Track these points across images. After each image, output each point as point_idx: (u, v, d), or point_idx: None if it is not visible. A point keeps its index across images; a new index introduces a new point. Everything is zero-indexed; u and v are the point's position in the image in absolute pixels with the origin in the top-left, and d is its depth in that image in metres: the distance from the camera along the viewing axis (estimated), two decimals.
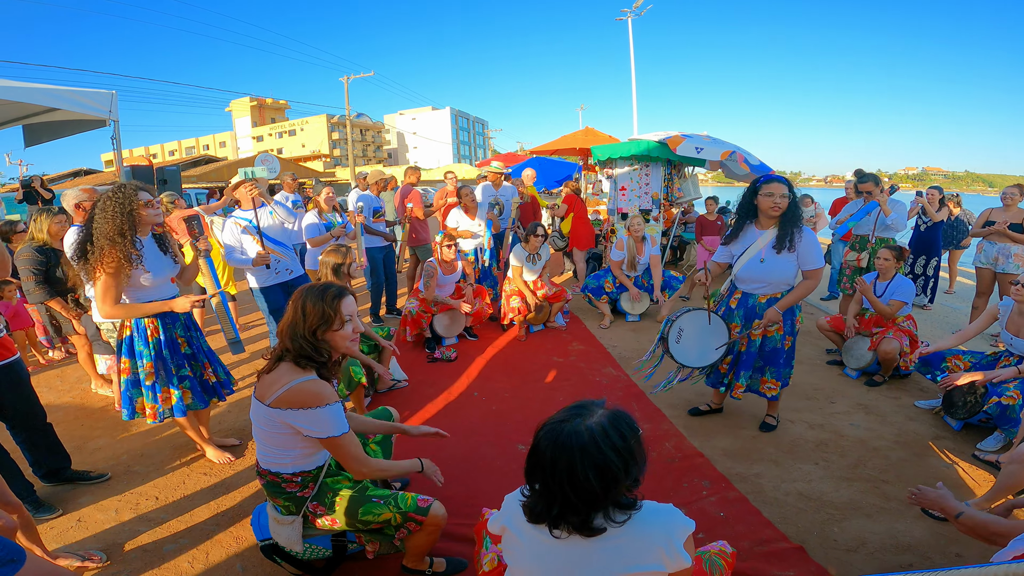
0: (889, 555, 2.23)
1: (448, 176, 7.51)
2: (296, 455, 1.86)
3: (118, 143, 6.02)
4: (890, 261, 4.09)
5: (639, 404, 3.72)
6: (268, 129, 57.95)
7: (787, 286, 3.02)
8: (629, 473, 1.20)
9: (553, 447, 1.20)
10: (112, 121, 5.81)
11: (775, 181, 2.90)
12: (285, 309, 1.90)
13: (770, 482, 2.78)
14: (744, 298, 3.14)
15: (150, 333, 2.68)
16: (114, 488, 2.82)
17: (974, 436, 3.19)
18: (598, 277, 5.79)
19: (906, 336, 3.96)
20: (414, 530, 1.90)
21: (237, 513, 2.59)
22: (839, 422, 3.43)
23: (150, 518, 2.57)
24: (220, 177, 23.18)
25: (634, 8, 19.52)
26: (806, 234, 2.89)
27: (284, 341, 1.84)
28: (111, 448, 3.24)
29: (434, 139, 62.79)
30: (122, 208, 2.48)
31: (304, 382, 1.78)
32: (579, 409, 1.26)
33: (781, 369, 3.11)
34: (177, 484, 2.86)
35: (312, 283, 1.92)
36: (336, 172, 40.68)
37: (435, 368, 4.47)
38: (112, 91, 5.75)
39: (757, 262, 2.98)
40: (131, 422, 3.41)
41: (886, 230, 5.05)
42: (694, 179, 8.31)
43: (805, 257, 2.89)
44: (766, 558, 2.21)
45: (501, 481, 2.77)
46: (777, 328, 3.04)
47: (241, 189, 3.70)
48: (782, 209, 2.87)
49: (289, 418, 1.77)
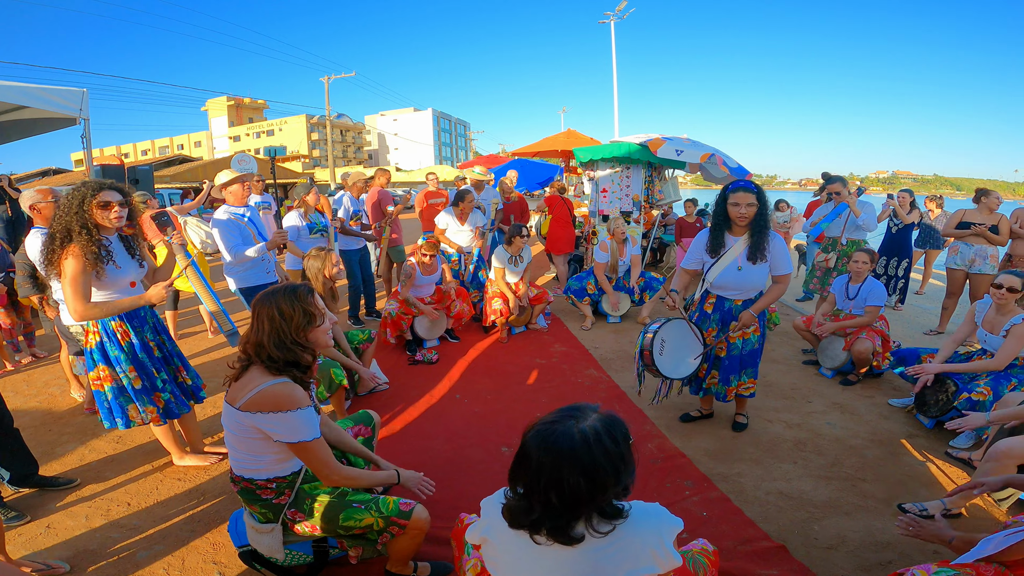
0: (869, 553, 2.27)
1: (429, 177, 7.49)
2: (269, 460, 1.81)
3: (88, 142, 5.89)
4: (866, 264, 4.17)
5: (621, 405, 3.74)
6: (245, 129, 57.08)
7: (758, 290, 3.09)
8: (619, 480, 1.16)
9: (542, 449, 1.16)
10: (82, 119, 5.69)
11: (741, 190, 2.90)
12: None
13: (751, 481, 2.81)
14: (719, 302, 3.18)
15: (120, 337, 2.58)
16: (84, 494, 2.74)
17: (947, 434, 3.26)
18: (580, 279, 5.82)
19: (879, 336, 4.05)
20: (397, 534, 1.87)
21: (214, 519, 2.53)
22: (816, 421, 3.49)
23: (122, 524, 2.50)
24: (195, 177, 22.69)
25: (617, 11, 19.74)
26: (775, 241, 2.96)
27: (266, 351, 1.76)
28: (80, 453, 3.15)
29: (416, 140, 62.53)
30: (78, 205, 2.40)
31: (276, 385, 1.74)
32: (572, 411, 1.22)
33: (755, 369, 3.22)
34: (150, 490, 2.78)
35: (268, 290, 1.84)
36: (315, 173, 40.19)
37: (417, 370, 4.43)
38: (83, 89, 5.64)
39: (735, 270, 3.01)
40: (100, 426, 3.35)
41: (856, 231, 5.18)
42: (674, 181, 8.41)
43: (776, 263, 2.98)
44: (750, 557, 2.23)
45: (485, 483, 2.75)
46: (754, 330, 3.11)
47: (236, 186, 3.66)
48: (749, 219, 2.91)
49: (259, 422, 1.72)
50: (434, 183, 7.17)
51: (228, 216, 3.63)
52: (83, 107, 5.62)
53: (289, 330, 1.78)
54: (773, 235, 2.98)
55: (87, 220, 2.41)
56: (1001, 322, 3.18)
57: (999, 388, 3.03)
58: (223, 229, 3.58)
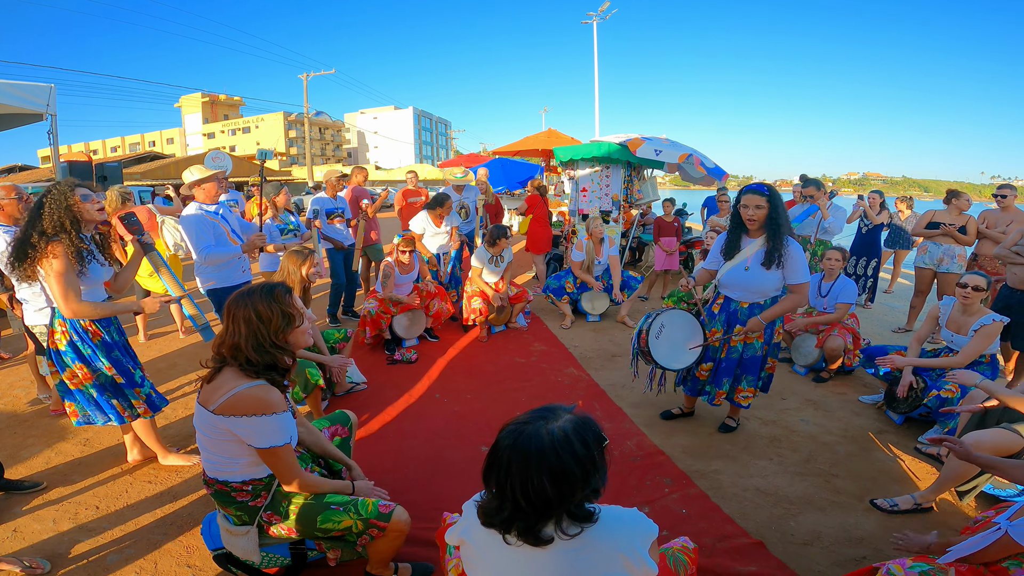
0: (843, 548, 2.31)
1: (409, 176, 7.43)
2: (244, 463, 1.77)
3: (55, 138, 5.73)
4: (839, 262, 4.28)
5: (600, 404, 3.75)
6: (220, 126, 55.95)
7: (768, 296, 2.98)
8: (588, 483, 1.15)
9: (511, 448, 1.15)
10: (49, 115, 5.55)
11: (750, 192, 2.86)
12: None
13: (728, 478, 2.85)
14: (726, 303, 3.12)
15: (92, 335, 2.52)
16: (51, 497, 2.67)
17: (916, 430, 3.36)
18: (559, 277, 5.83)
19: (849, 333, 4.15)
20: (376, 536, 1.84)
21: (186, 522, 2.48)
22: (790, 418, 3.55)
23: (91, 528, 2.44)
24: (167, 175, 22.15)
25: (599, 12, 19.85)
26: (792, 248, 2.82)
27: (244, 354, 1.71)
28: (46, 456, 3.05)
29: (396, 139, 62.02)
30: (61, 204, 2.37)
31: (252, 388, 1.70)
32: (545, 412, 1.22)
33: (755, 378, 3.11)
34: (119, 493, 2.71)
35: (243, 291, 1.78)
36: (292, 171, 39.61)
37: (395, 370, 4.39)
38: (51, 84, 5.50)
39: (741, 269, 2.95)
40: (66, 429, 3.32)
41: (824, 233, 5.31)
42: (652, 181, 8.47)
43: (790, 271, 2.84)
44: (729, 554, 2.26)
45: (465, 484, 2.74)
46: (758, 336, 3.02)
47: (209, 184, 3.53)
48: (758, 220, 2.84)
49: (232, 425, 1.68)
50: (413, 181, 7.12)
51: (200, 214, 3.48)
52: (50, 102, 5.48)
53: (268, 333, 1.73)
54: (792, 243, 2.83)
55: (75, 217, 2.41)
56: (968, 322, 3.26)
57: (966, 385, 3.12)
58: (195, 227, 3.43)
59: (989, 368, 3.25)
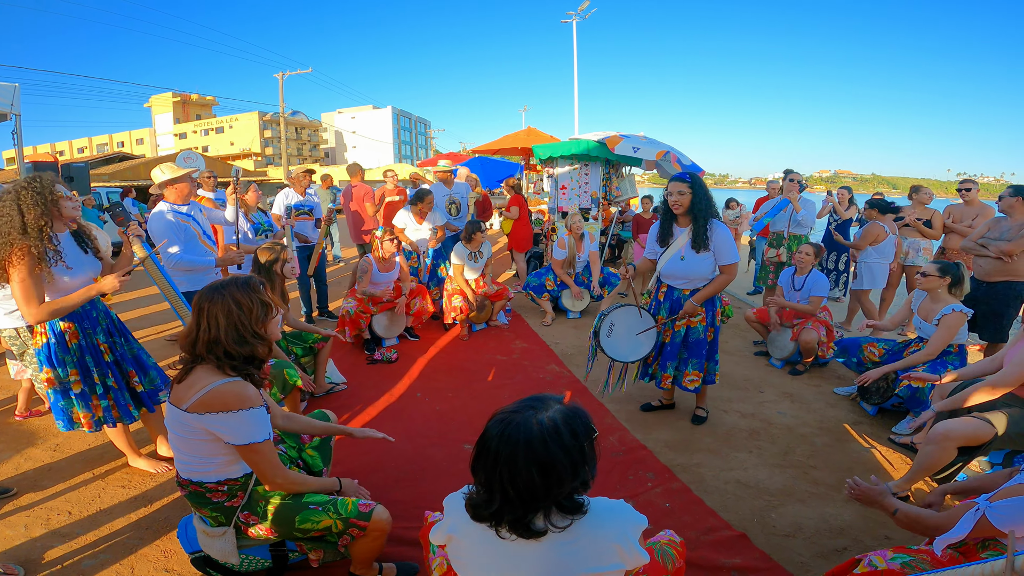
0: (824, 539, 2.34)
1: (388, 175, 7.35)
2: (219, 462, 1.73)
3: (19, 138, 5.57)
4: (810, 256, 4.37)
5: (582, 399, 3.76)
6: (193, 126, 54.64)
7: (705, 280, 3.12)
8: (577, 474, 1.14)
9: (499, 438, 1.14)
10: (13, 115, 5.39)
11: (674, 180, 3.04)
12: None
13: (710, 471, 2.87)
14: (669, 291, 3.26)
15: (68, 338, 2.44)
16: (21, 503, 2.60)
17: (889, 420, 3.43)
18: (539, 275, 5.83)
19: (823, 326, 4.23)
20: (357, 536, 1.80)
21: (162, 525, 2.42)
22: (768, 411, 3.60)
23: (64, 533, 2.37)
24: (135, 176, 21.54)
25: (579, 11, 19.92)
26: (718, 230, 2.99)
27: (223, 347, 1.67)
28: (15, 462, 2.97)
29: (375, 138, 61.38)
30: (49, 197, 2.28)
31: (227, 383, 1.66)
32: (534, 401, 1.20)
33: (703, 361, 3.22)
34: (92, 498, 2.64)
35: (214, 285, 1.75)
36: (268, 171, 38.92)
37: (375, 370, 4.34)
38: (15, 84, 5.34)
39: (678, 259, 3.11)
40: (36, 435, 3.24)
41: (797, 227, 5.42)
42: (631, 178, 8.53)
43: (719, 252, 3.01)
44: (713, 547, 2.28)
45: (448, 482, 2.71)
46: (700, 320, 3.16)
47: (181, 184, 3.39)
48: (682, 206, 3.00)
49: (207, 422, 1.64)
50: (392, 181, 7.05)
51: (171, 215, 3.33)
52: (14, 102, 5.34)
53: (249, 322, 1.71)
54: (718, 225, 3.01)
55: (50, 216, 2.30)
56: (934, 310, 3.35)
57: (936, 374, 3.20)
58: (165, 230, 3.26)
59: (957, 359, 3.34)
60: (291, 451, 2.17)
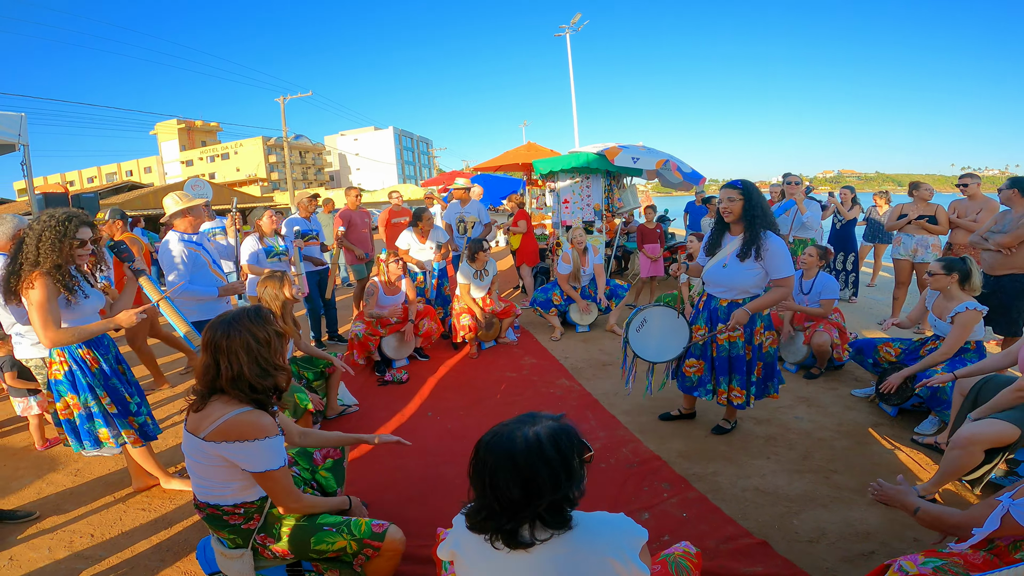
0: (850, 543, 2.29)
1: (393, 196, 7.42)
2: (236, 487, 1.76)
3: (29, 169, 5.61)
4: (813, 258, 4.34)
5: (594, 412, 3.72)
6: (199, 153, 55.50)
7: (749, 294, 2.97)
8: (557, 488, 1.15)
9: (486, 447, 1.20)
10: (22, 145, 5.41)
11: (725, 187, 2.96)
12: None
13: (727, 480, 2.83)
14: (708, 300, 3.16)
15: (90, 364, 2.51)
16: (45, 526, 2.65)
17: (911, 421, 3.37)
18: (546, 290, 5.83)
19: (835, 328, 4.19)
20: (372, 556, 1.83)
21: (182, 547, 2.46)
22: (784, 416, 3.55)
23: (87, 555, 2.42)
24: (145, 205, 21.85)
25: (571, 24, 20.18)
26: (772, 243, 2.83)
27: (247, 381, 1.69)
28: (38, 487, 3.05)
29: (377, 160, 62.00)
30: (59, 239, 2.33)
31: (243, 413, 1.69)
32: (527, 417, 1.25)
33: (744, 378, 3.05)
34: (113, 520, 2.69)
35: (225, 320, 1.75)
36: (275, 197, 39.34)
37: (386, 391, 4.34)
38: (21, 113, 5.39)
39: (720, 267, 3.00)
40: (57, 460, 3.31)
41: (803, 230, 5.36)
42: (632, 189, 8.56)
43: (771, 266, 2.85)
44: (732, 555, 2.24)
45: (461, 500, 2.69)
46: (739, 335, 3.00)
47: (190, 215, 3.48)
48: (733, 213, 2.89)
49: (225, 451, 1.67)
50: (398, 202, 7.11)
51: (182, 245, 3.39)
52: (21, 132, 5.37)
53: (269, 355, 1.74)
54: (773, 237, 2.85)
55: (66, 256, 2.36)
56: (948, 308, 3.30)
57: (956, 372, 3.14)
58: (175, 260, 3.33)
59: (976, 356, 3.27)
60: (304, 472, 2.18)
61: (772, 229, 2.89)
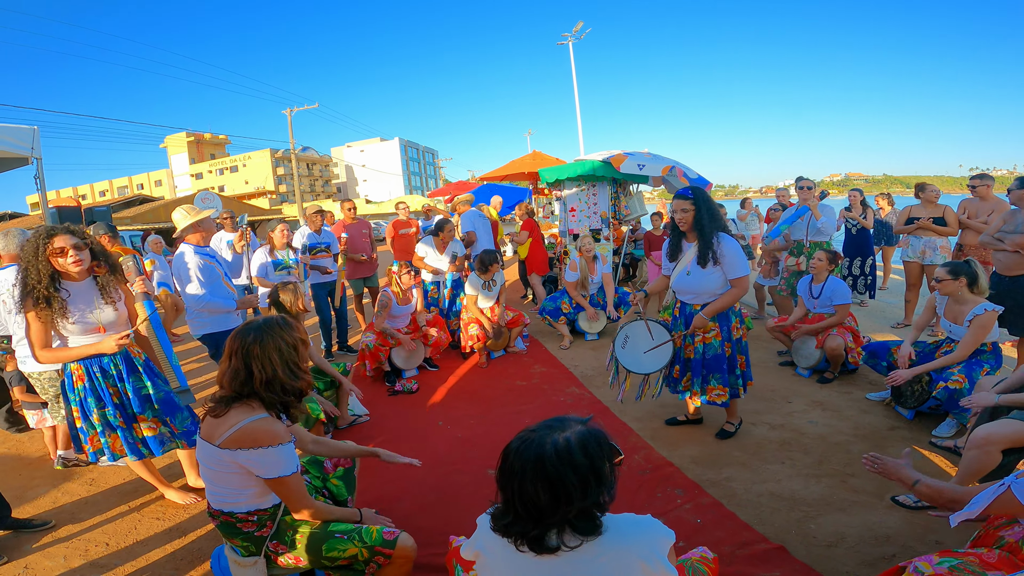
0: (869, 547, 2.26)
1: (400, 207, 7.47)
2: (250, 494, 1.77)
3: (42, 183, 5.65)
4: (823, 263, 4.30)
5: (605, 420, 3.71)
6: (208, 166, 56.18)
7: (716, 295, 3.08)
8: (587, 495, 1.14)
9: (515, 454, 1.18)
10: (35, 159, 5.44)
11: (677, 197, 3.07)
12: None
13: (741, 485, 2.80)
14: (683, 307, 3.27)
15: (75, 380, 2.56)
16: (60, 535, 2.68)
17: (928, 423, 3.32)
18: (555, 299, 5.82)
19: (848, 332, 4.15)
20: (384, 564, 1.83)
21: (196, 556, 2.47)
22: (798, 421, 3.52)
23: (102, 564, 2.44)
24: (156, 218, 22.13)
25: (574, 32, 20.30)
26: (726, 244, 2.97)
27: (280, 383, 1.75)
28: (53, 496, 3.08)
29: (384, 171, 62.42)
30: (33, 254, 2.38)
31: (257, 420, 1.71)
32: (557, 422, 1.23)
33: (726, 376, 3.14)
34: (128, 530, 2.71)
35: (254, 326, 1.80)
36: (283, 209, 39.70)
37: (397, 401, 4.34)
38: (34, 127, 5.43)
39: (684, 275, 3.12)
40: (72, 470, 3.35)
41: (818, 234, 5.32)
42: (639, 196, 8.54)
43: (728, 266, 2.98)
44: (750, 560, 2.21)
45: (472, 508, 2.68)
46: (715, 335, 3.11)
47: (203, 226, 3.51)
48: (687, 222, 3.02)
49: (240, 458, 1.69)
50: (404, 213, 7.16)
51: (196, 256, 3.41)
52: (35, 145, 5.38)
53: (297, 359, 1.82)
54: (725, 238, 2.99)
55: (47, 269, 2.39)
56: (963, 311, 3.26)
57: (972, 374, 3.10)
58: (193, 272, 3.35)
59: (992, 357, 3.24)
60: (316, 481, 2.19)
61: (723, 231, 3.03)
